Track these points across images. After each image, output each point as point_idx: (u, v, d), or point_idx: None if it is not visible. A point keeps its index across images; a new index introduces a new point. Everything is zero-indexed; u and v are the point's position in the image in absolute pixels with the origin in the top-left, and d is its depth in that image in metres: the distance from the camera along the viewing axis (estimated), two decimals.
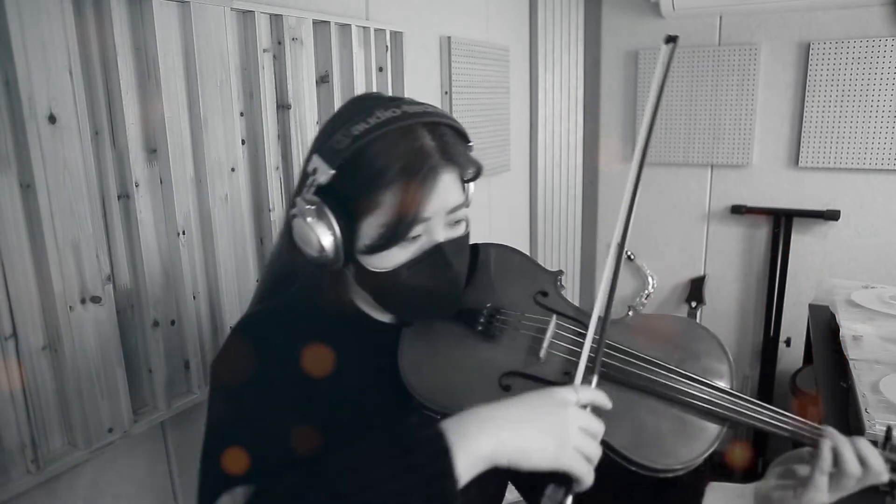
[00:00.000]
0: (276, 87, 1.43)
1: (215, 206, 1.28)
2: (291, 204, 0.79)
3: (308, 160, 0.77)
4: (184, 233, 1.23)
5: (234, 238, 1.35)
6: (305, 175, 0.76)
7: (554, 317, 0.84)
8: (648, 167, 2.99)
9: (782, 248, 2.67)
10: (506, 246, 0.95)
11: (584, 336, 0.78)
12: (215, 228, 1.29)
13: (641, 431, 0.76)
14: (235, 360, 0.77)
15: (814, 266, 2.67)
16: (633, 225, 0.91)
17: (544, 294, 0.89)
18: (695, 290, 2.87)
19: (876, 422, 1.12)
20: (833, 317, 1.68)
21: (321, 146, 0.75)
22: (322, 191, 0.74)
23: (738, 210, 2.72)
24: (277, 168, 1.45)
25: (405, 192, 0.72)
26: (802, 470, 0.78)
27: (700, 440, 0.75)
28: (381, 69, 1.76)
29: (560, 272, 0.92)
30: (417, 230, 0.74)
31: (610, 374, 0.79)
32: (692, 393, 0.77)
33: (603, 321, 0.78)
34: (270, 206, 1.42)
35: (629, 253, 2.98)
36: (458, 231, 0.80)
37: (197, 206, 1.27)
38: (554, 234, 2.93)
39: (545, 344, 0.81)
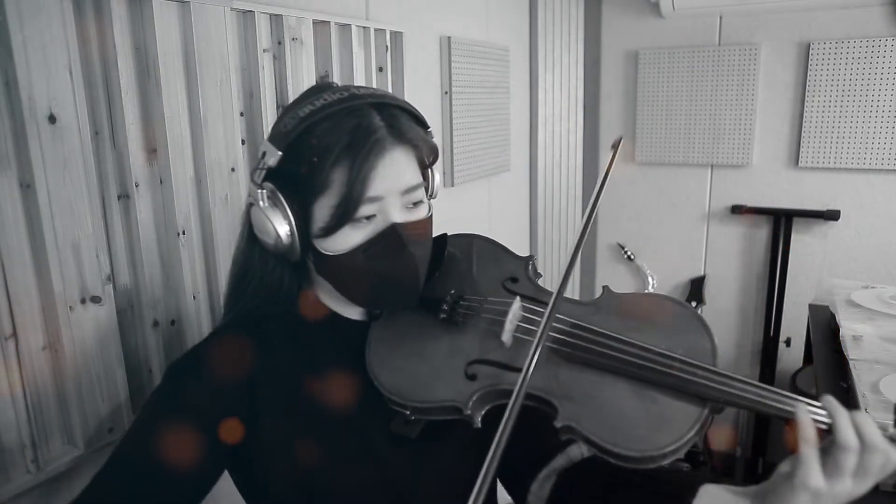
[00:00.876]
0: (276, 87, 1.43)
1: (215, 206, 1.28)
2: (248, 194, 0.78)
3: (260, 148, 0.76)
4: (184, 233, 1.23)
5: (234, 238, 1.34)
6: (257, 162, 0.76)
7: (517, 298, 0.79)
8: (648, 167, 3.00)
9: (782, 248, 2.67)
10: (476, 234, 0.92)
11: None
12: (215, 228, 1.29)
13: (613, 416, 0.69)
14: (183, 375, 0.77)
15: (814, 266, 2.67)
16: (633, 225, 0.89)
17: (514, 280, 0.85)
18: (695, 290, 2.87)
19: (876, 422, 1.12)
20: (833, 317, 1.68)
21: (270, 132, 0.76)
22: (273, 176, 0.74)
23: (738, 210, 2.72)
24: None
25: (351, 168, 0.70)
26: None
27: (679, 423, 0.67)
28: (381, 69, 1.76)
29: (531, 257, 0.88)
30: (370, 209, 0.73)
31: (576, 355, 0.73)
32: (666, 371, 0.69)
33: (556, 293, 0.71)
34: None
35: (629, 253, 2.98)
36: (418, 214, 0.78)
37: (197, 206, 1.27)
38: (554, 234, 2.93)
39: (507, 327, 0.76)
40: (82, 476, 1.12)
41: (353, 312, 0.85)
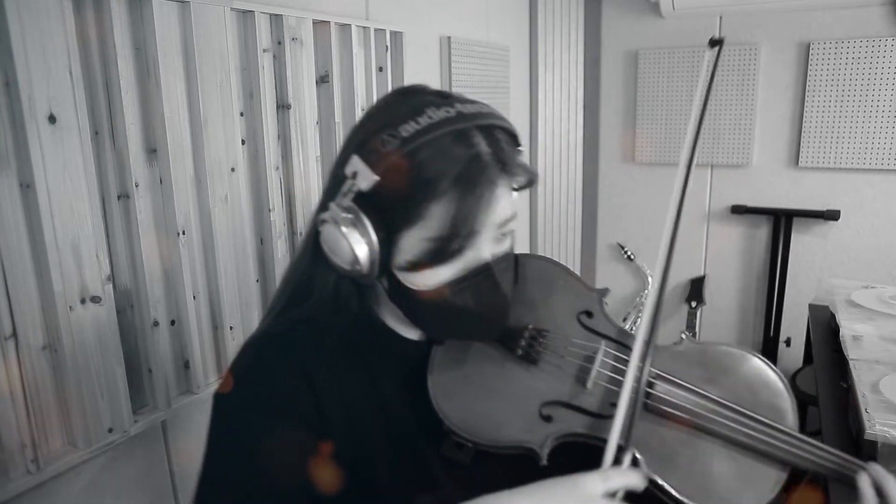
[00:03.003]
0: (276, 87, 1.43)
1: (215, 206, 1.28)
2: (323, 207, 0.70)
3: (345, 160, 0.67)
4: (184, 233, 1.23)
5: (234, 238, 1.35)
6: (341, 178, 0.67)
7: (603, 343, 0.77)
8: (648, 167, 2.99)
9: (782, 248, 2.67)
10: (546, 258, 0.87)
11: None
12: (215, 228, 1.29)
13: (697, 473, 0.68)
14: (246, 391, 0.70)
15: (814, 266, 2.67)
16: (633, 225, 0.88)
17: (589, 314, 0.81)
18: (695, 290, 2.87)
19: (876, 422, 1.12)
20: (833, 317, 1.68)
21: (362, 146, 0.66)
22: (359, 197, 0.66)
23: (738, 210, 2.72)
24: (277, 168, 1.45)
25: (460, 206, 0.63)
26: None
27: (761, 485, 0.68)
28: (381, 69, 1.76)
29: (606, 290, 0.84)
30: (464, 244, 0.67)
31: (658, 409, 0.72)
32: (751, 434, 0.70)
33: (644, 353, 0.70)
34: (270, 206, 1.42)
35: (629, 253, 2.98)
36: (505, 246, 0.72)
37: (197, 206, 1.27)
38: (554, 234, 2.92)
39: (593, 374, 0.73)
40: (82, 476, 1.12)
41: (413, 334, 0.79)
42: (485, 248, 0.69)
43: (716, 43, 0.83)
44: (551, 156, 2.86)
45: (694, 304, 2.85)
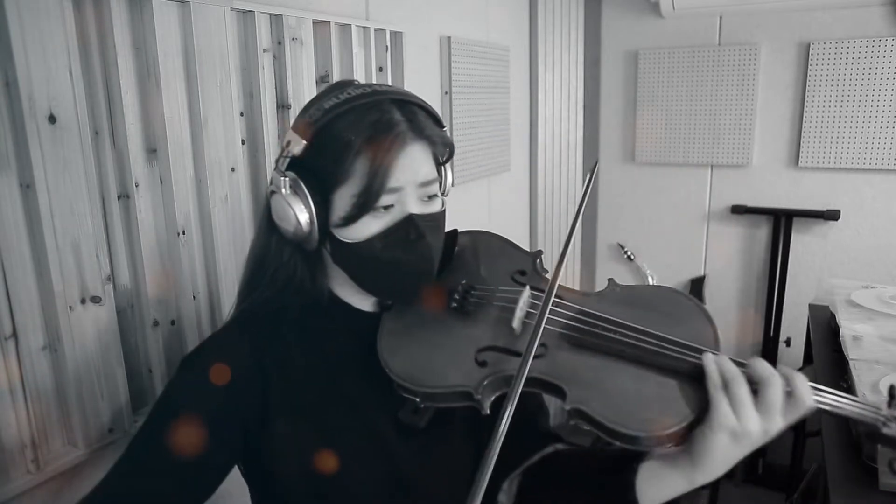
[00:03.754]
0: (276, 87, 1.43)
1: (215, 206, 1.28)
2: (270, 182, 0.80)
3: (284, 137, 0.79)
4: (184, 233, 1.23)
5: (234, 238, 1.34)
6: (281, 150, 0.78)
7: (527, 287, 0.82)
8: (648, 167, 2.99)
9: (782, 248, 2.67)
10: (485, 231, 0.95)
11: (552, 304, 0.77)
12: (215, 228, 1.29)
13: (621, 399, 0.70)
14: (194, 370, 0.79)
15: (814, 266, 2.67)
16: (633, 225, 0.91)
17: (522, 273, 0.88)
18: (695, 290, 2.87)
19: (884, 398, 1.12)
20: (833, 317, 1.68)
21: (295, 122, 0.78)
22: (296, 164, 0.76)
23: (738, 210, 2.72)
24: None
25: (373, 160, 0.73)
26: None
27: (683, 404, 0.70)
28: (381, 69, 1.76)
29: (539, 252, 0.91)
30: (389, 199, 0.75)
31: (583, 340, 0.76)
32: (670, 355, 0.72)
33: (554, 272, 0.76)
34: None
35: (629, 253, 2.98)
36: (433, 207, 0.81)
37: (197, 206, 1.27)
38: (554, 234, 2.93)
39: (518, 314, 0.79)
40: (82, 476, 1.12)
41: (366, 304, 0.87)
42: (410, 205, 0.77)
43: (592, 169, 0.97)
44: (551, 156, 2.86)
45: None
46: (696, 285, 2.88)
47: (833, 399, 0.70)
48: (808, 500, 2.01)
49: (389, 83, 1.79)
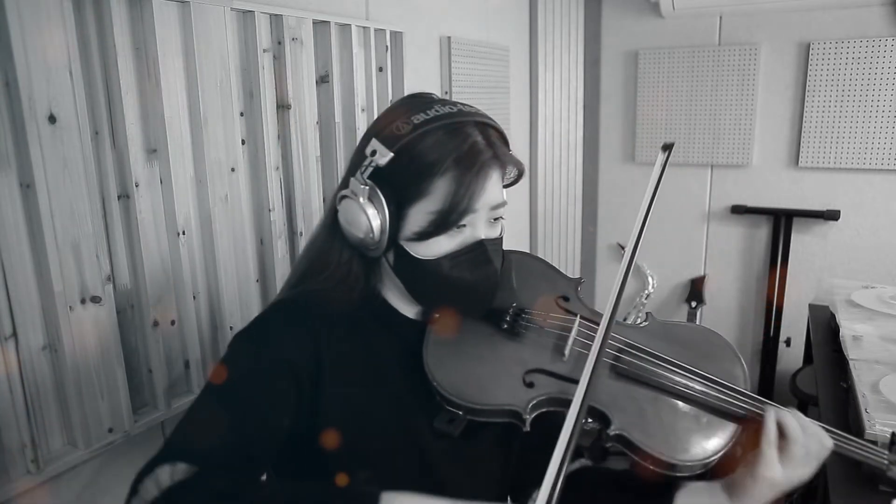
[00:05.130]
0: (276, 87, 1.43)
1: (215, 206, 1.28)
2: (344, 184, 0.81)
3: (365, 144, 0.78)
4: (184, 233, 1.23)
5: (234, 238, 1.35)
6: (362, 157, 0.78)
7: (578, 317, 0.86)
8: (648, 167, 2.99)
9: (782, 248, 2.67)
10: (529, 253, 0.99)
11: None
12: (215, 228, 1.29)
13: (661, 428, 0.78)
14: (254, 341, 0.79)
15: (814, 266, 2.67)
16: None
17: (566, 298, 0.92)
18: (695, 290, 2.87)
19: (876, 422, 1.12)
20: (833, 317, 1.68)
21: (380, 132, 0.78)
22: (376, 174, 0.77)
23: (738, 210, 2.72)
24: (277, 168, 1.45)
25: (460, 182, 0.75)
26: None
27: (718, 438, 0.78)
28: (381, 69, 1.76)
29: (580, 280, 0.95)
30: (465, 220, 0.77)
31: (629, 372, 0.82)
32: (708, 392, 0.80)
33: (611, 312, 0.80)
34: (270, 206, 1.42)
35: None
36: (497, 230, 0.83)
37: (197, 206, 1.27)
38: (554, 234, 2.93)
39: (570, 342, 0.83)
40: (82, 476, 1.12)
41: (410, 311, 0.88)
42: (480, 228, 0.79)
43: (667, 148, 0.97)
44: (551, 156, 2.86)
45: (694, 304, 2.85)
46: (696, 285, 2.88)
47: (844, 442, 0.80)
48: (808, 500, 2.01)
49: (389, 84, 1.79)
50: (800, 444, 0.75)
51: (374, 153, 0.76)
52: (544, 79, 2.77)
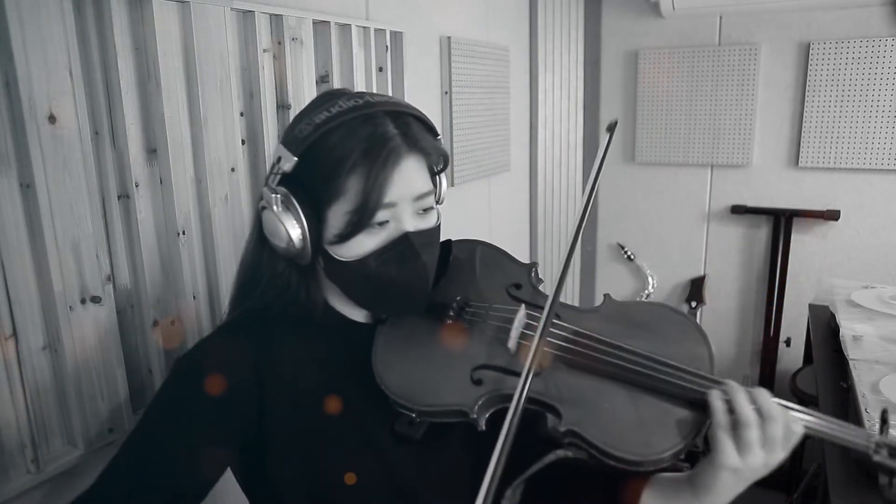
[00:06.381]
0: (276, 87, 1.43)
1: (215, 206, 1.28)
2: (260, 197, 0.78)
3: (275, 153, 0.77)
4: (184, 233, 1.23)
5: (234, 238, 1.34)
6: (272, 166, 0.76)
7: (522, 306, 0.81)
8: (648, 167, 2.99)
9: (782, 248, 2.67)
10: (479, 241, 0.94)
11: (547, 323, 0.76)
12: (215, 228, 1.29)
13: (615, 422, 0.71)
14: (194, 368, 0.77)
15: (814, 266, 2.67)
16: (633, 225, 0.90)
17: (517, 286, 0.87)
18: (695, 290, 2.87)
19: (876, 422, 1.12)
20: (833, 317, 1.68)
21: (285, 137, 0.76)
22: (287, 181, 0.74)
23: (738, 210, 2.72)
24: None
25: (367, 176, 0.71)
26: None
27: (678, 429, 0.70)
28: (381, 69, 1.76)
29: (534, 264, 0.90)
30: (383, 216, 0.74)
31: (578, 362, 0.76)
32: (665, 379, 0.72)
33: (553, 297, 0.74)
34: None
35: (629, 253, 2.98)
36: (428, 222, 0.79)
37: (197, 206, 1.27)
38: (554, 234, 2.93)
39: (513, 334, 0.78)
40: (82, 476, 1.12)
41: (359, 315, 0.86)
42: (405, 221, 0.75)
43: (611, 128, 0.88)
44: (551, 156, 2.86)
45: (694, 304, 2.85)
46: (696, 285, 2.88)
47: (823, 425, 0.70)
48: (808, 500, 2.01)
49: (389, 84, 1.78)
50: (754, 428, 0.67)
51: (279, 160, 0.74)
52: (544, 79, 2.77)
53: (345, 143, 0.72)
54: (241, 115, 1.36)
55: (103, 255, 1.08)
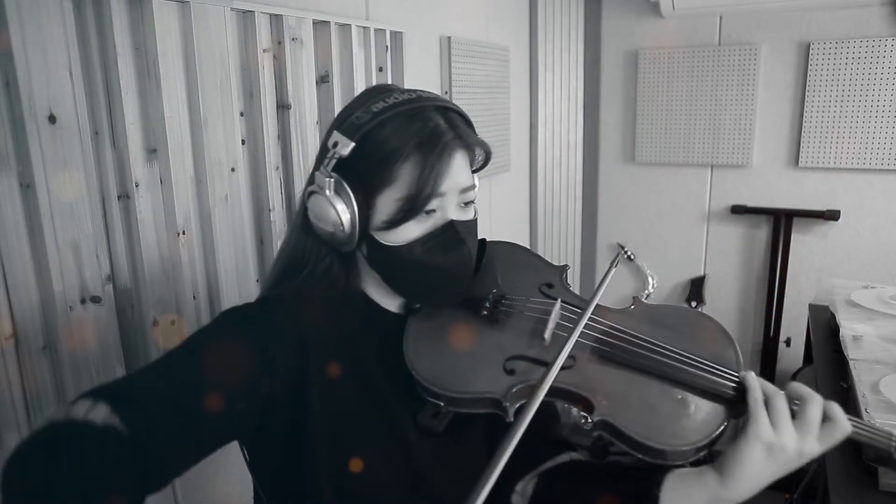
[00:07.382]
0: (276, 87, 1.43)
1: (215, 206, 1.28)
2: (310, 181, 0.80)
3: (328, 137, 0.78)
4: (184, 233, 1.23)
5: (234, 238, 1.34)
6: (325, 150, 0.78)
7: (559, 300, 0.85)
8: (648, 167, 2.99)
9: (782, 248, 2.67)
10: (513, 243, 0.97)
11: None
12: (215, 228, 1.29)
13: (646, 413, 0.74)
14: (241, 321, 0.76)
15: (814, 266, 2.67)
16: (633, 225, 0.92)
17: (549, 286, 0.90)
18: (695, 290, 2.87)
19: (876, 422, 1.12)
20: (833, 317, 1.68)
21: (341, 123, 0.78)
22: (339, 166, 0.76)
23: (738, 210, 2.72)
24: (277, 168, 1.45)
25: (424, 165, 0.74)
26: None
27: (707, 422, 0.73)
28: (381, 69, 1.76)
29: (566, 266, 0.94)
30: (433, 204, 0.76)
31: (612, 355, 0.79)
32: (697, 373, 0.76)
33: (594, 295, 0.79)
34: (270, 206, 1.42)
35: (629, 253, 2.98)
36: (469, 214, 0.82)
37: (197, 206, 1.27)
38: (554, 234, 2.93)
39: (550, 326, 0.81)
40: None
41: (393, 305, 0.87)
42: (450, 211, 0.79)
43: (615, 260, 1.00)
44: (551, 156, 2.86)
45: (694, 304, 2.85)
46: (696, 285, 2.88)
47: (851, 425, 0.73)
48: (808, 500, 2.01)
49: (388, 82, 1.78)
50: (784, 399, 0.71)
51: (335, 145, 0.76)
52: (544, 79, 2.77)
53: (401, 132, 0.75)
54: (241, 115, 1.36)
55: (103, 255, 1.08)
